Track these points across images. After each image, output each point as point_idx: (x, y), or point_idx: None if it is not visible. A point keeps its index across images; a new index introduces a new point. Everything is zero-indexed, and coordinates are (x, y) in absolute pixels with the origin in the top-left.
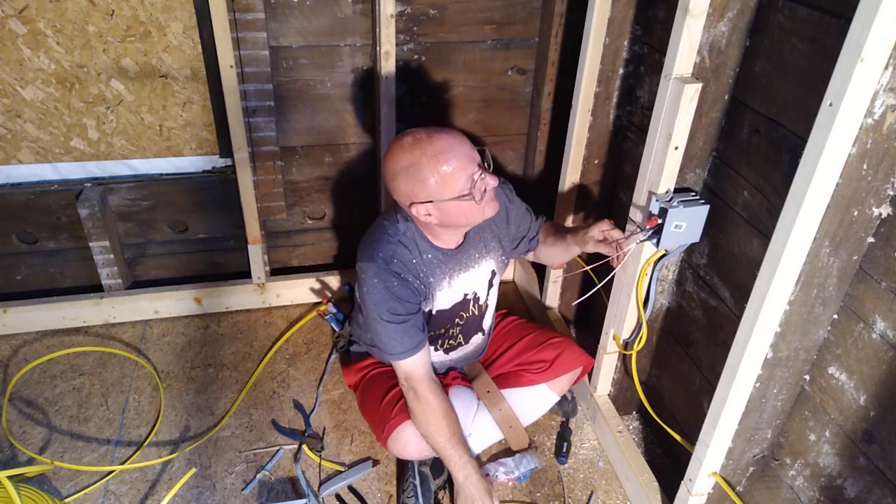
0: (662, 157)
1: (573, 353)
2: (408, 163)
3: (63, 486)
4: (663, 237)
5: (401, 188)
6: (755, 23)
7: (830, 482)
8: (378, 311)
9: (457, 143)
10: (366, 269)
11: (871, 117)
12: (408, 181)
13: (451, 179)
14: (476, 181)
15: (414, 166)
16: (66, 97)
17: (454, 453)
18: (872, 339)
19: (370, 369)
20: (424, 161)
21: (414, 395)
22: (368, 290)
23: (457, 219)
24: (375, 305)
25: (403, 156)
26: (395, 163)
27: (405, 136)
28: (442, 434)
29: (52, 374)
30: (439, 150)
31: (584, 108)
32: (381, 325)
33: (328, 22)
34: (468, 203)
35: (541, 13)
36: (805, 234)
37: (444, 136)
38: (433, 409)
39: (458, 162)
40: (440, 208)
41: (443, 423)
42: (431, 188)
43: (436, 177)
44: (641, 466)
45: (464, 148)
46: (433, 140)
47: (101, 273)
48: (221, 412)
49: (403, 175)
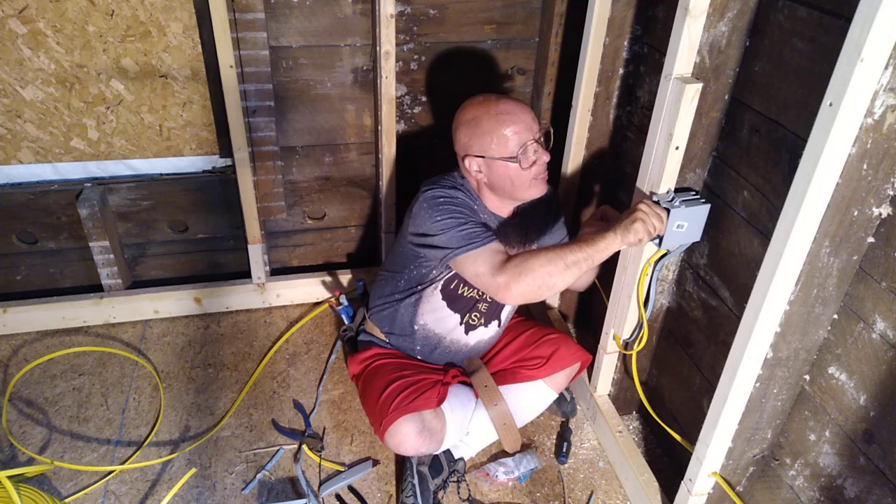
0: (663, 157)
1: (570, 350)
2: (471, 116)
3: (63, 486)
4: (665, 237)
5: (461, 139)
6: (755, 23)
7: (830, 482)
8: (448, 218)
9: (520, 111)
10: (430, 196)
11: (871, 117)
12: (467, 132)
13: (504, 140)
14: (528, 148)
15: (476, 120)
16: (66, 97)
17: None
18: (872, 339)
19: (374, 360)
20: (486, 118)
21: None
22: (433, 211)
23: (503, 181)
24: (445, 216)
25: (471, 110)
26: (462, 114)
27: (478, 96)
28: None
29: (52, 374)
30: (501, 111)
31: (584, 108)
32: (452, 231)
33: (328, 22)
34: (515, 167)
35: (541, 13)
36: (805, 234)
37: (511, 103)
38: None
39: (515, 126)
40: (489, 165)
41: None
42: (485, 144)
43: (491, 134)
44: (641, 466)
45: (525, 116)
46: (500, 102)
47: (101, 273)
48: (221, 412)
49: (465, 126)
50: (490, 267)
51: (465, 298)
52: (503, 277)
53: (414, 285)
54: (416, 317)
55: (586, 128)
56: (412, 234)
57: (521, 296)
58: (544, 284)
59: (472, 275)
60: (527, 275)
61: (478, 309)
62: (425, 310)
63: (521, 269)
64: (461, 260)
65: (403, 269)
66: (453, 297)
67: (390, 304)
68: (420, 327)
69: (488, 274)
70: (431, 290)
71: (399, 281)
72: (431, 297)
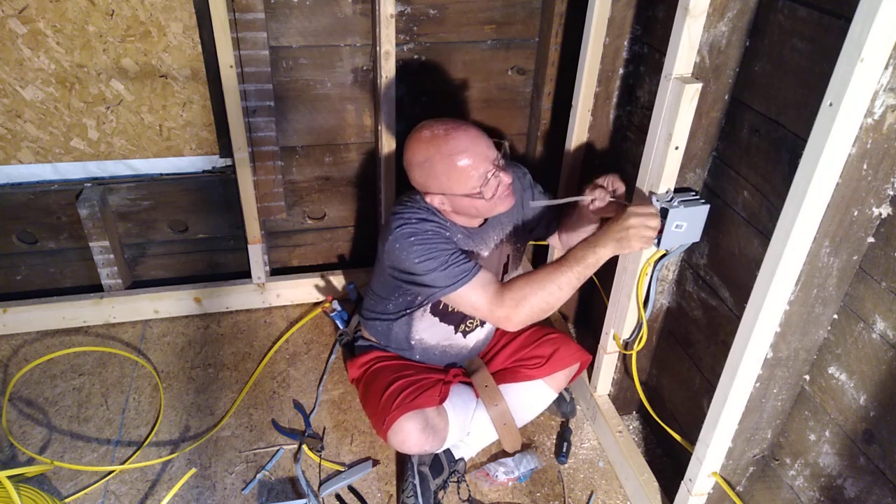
0: (662, 157)
1: (570, 350)
2: (423, 158)
3: (63, 486)
4: (664, 237)
5: (416, 179)
6: (755, 23)
7: (830, 482)
8: (427, 259)
9: (472, 143)
10: (400, 235)
11: (871, 117)
12: (422, 174)
13: (464, 177)
14: (489, 179)
15: (429, 161)
16: (66, 97)
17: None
18: (872, 339)
19: (374, 363)
20: (438, 158)
21: (506, 300)
22: (409, 252)
23: (468, 210)
24: (424, 258)
25: (420, 150)
26: (411, 155)
27: (424, 130)
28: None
29: (52, 374)
30: (454, 150)
31: (584, 108)
32: (437, 272)
33: (328, 22)
34: (479, 199)
35: (541, 13)
36: (805, 234)
37: (462, 135)
38: (528, 283)
39: (471, 161)
40: (452, 200)
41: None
42: (444, 183)
43: (448, 174)
44: (641, 466)
45: (478, 148)
46: (449, 138)
47: (101, 273)
48: (221, 412)
49: (418, 168)
50: (486, 301)
51: (456, 314)
52: (502, 311)
53: (403, 308)
54: (412, 333)
55: (586, 128)
56: (393, 269)
57: (522, 324)
58: (542, 310)
59: (467, 308)
60: (524, 305)
61: (470, 317)
62: (419, 327)
63: (518, 299)
64: (453, 297)
65: (390, 296)
66: (444, 313)
67: (383, 322)
68: (417, 342)
69: (485, 309)
70: (421, 311)
71: (388, 304)
72: (423, 316)
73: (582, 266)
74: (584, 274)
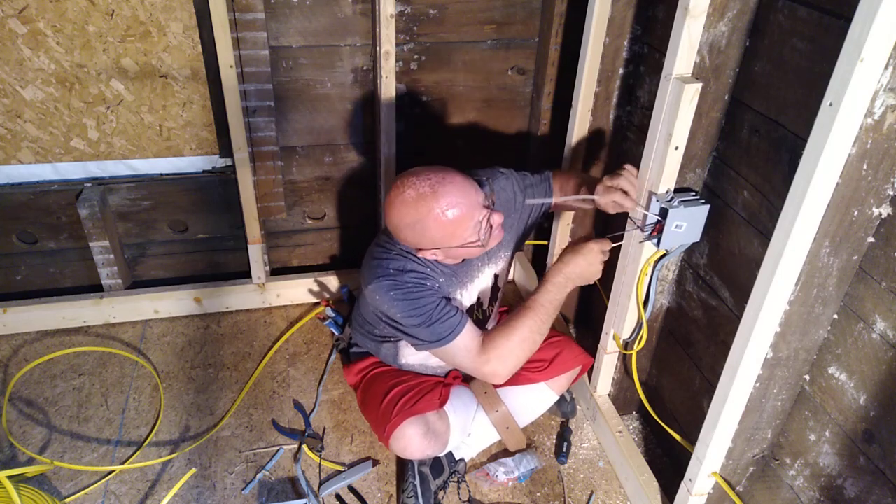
0: (662, 157)
1: (572, 353)
2: (413, 219)
3: (63, 486)
4: (664, 237)
5: (407, 239)
6: (755, 23)
7: (830, 482)
8: (412, 315)
9: (461, 195)
10: (379, 288)
11: (871, 117)
12: (414, 235)
13: (459, 231)
14: (482, 226)
15: (420, 223)
16: (66, 97)
17: (550, 299)
18: (872, 339)
19: (371, 369)
20: (431, 219)
21: (491, 358)
22: (390, 306)
23: (462, 256)
24: (406, 314)
25: (408, 212)
26: (399, 217)
27: (408, 189)
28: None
29: (52, 374)
30: (445, 207)
31: (584, 108)
32: (421, 328)
33: (328, 22)
34: (475, 246)
35: (541, 13)
36: (805, 234)
37: (448, 189)
38: (508, 338)
39: (464, 212)
40: (446, 252)
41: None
42: (438, 240)
43: (442, 232)
44: (641, 466)
45: (468, 199)
46: (437, 196)
47: (101, 273)
48: (221, 412)
49: (409, 230)
50: (470, 361)
51: None
52: (488, 368)
53: (389, 336)
54: (399, 357)
55: (586, 128)
56: (377, 311)
57: (509, 374)
58: (525, 359)
59: (452, 363)
60: (509, 359)
61: None
62: (406, 353)
63: (503, 356)
64: (438, 353)
65: (375, 326)
66: None
67: (372, 341)
68: (405, 363)
69: (471, 367)
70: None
71: (374, 331)
72: (408, 345)
73: (554, 309)
74: (554, 311)
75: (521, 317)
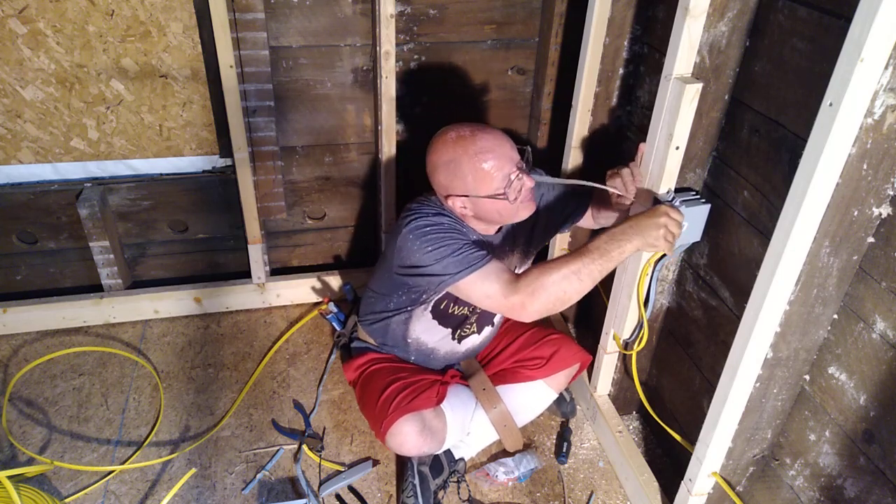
0: (663, 157)
1: (570, 350)
2: (449, 158)
3: (63, 486)
4: None
5: (440, 181)
6: (755, 23)
7: (830, 482)
8: (441, 247)
9: (497, 144)
10: (416, 227)
11: (871, 117)
12: (447, 175)
13: (488, 178)
14: (512, 181)
15: (454, 162)
16: (66, 97)
17: (606, 249)
18: (872, 339)
19: (369, 365)
20: (465, 159)
21: (521, 287)
22: (422, 242)
23: (490, 215)
24: (437, 245)
25: (446, 151)
26: (437, 156)
27: (449, 131)
28: (576, 263)
29: (52, 374)
30: (480, 149)
31: (584, 108)
32: (448, 258)
33: (328, 22)
34: (502, 201)
35: (541, 13)
36: (805, 234)
37: (487, 136)
38: (545, 272)
39: (496, 161)
40: (475, 203)
41: (562, 264)
42: (469, 184)
43: (473, 174)
44: (641, 466)
45: (504, 149)
46: (475, 138)
47: (101, 273)
48: (221, 412)
49: (443, 169)
50: (499, 288)
51: (455, 316)
52: (517, 297)
53: (404, 306)
54: (408, 332)
55: (586, 128)
56: (400, 267)
57: (538, 313)
58: (559, 300)
59: (479, 297)
60: (540, 293)
61: (468, 322)
62: (416, 327)
63: (534, 287)
64: (463, 285)
65: (392, 293)
66: (444, 315)
67: (381, 320)
68: (413, 340)
69: (499, 295)
70: (422, 310)
71: (388, 302)
72: (422, 316)
73: (605, 259)
74: (607, 267)
75: (566, 257)
